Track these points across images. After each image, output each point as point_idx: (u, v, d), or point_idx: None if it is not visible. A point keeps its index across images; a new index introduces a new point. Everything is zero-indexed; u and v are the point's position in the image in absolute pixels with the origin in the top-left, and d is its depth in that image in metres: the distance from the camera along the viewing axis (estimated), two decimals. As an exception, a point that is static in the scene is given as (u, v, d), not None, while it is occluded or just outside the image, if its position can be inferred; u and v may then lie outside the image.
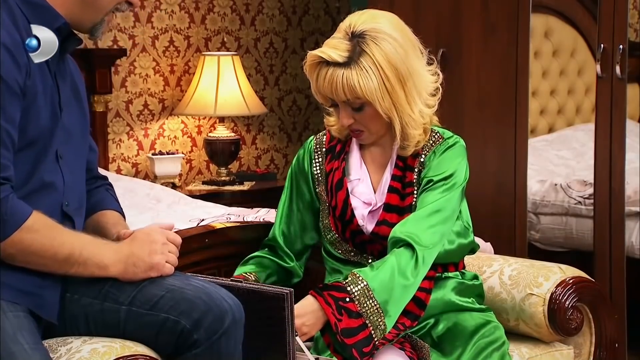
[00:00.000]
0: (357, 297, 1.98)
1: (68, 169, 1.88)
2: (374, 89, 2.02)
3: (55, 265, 1.79)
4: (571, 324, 2.28)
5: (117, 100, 4.29)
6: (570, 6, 3.90)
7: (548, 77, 4.00)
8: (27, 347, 1.70)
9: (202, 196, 3.98)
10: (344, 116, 2.09)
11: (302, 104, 4.86)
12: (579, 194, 3.58)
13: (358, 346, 1.97)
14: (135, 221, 2.35)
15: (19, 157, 1.77)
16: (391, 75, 2.02)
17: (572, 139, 3.97)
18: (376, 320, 1.98)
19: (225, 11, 4.57)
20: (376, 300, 1.98)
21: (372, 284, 1.98)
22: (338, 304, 1.97)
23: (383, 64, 2.01)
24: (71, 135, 1.90)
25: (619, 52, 3.09)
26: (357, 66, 2.02)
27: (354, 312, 1.97)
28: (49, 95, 1.83)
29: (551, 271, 2.32)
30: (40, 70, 1.81)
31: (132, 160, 4.35)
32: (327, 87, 2.06)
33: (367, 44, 2.02)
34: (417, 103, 2.07)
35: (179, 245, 1.90)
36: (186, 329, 1.79)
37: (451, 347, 2.10)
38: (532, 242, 3.57)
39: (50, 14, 1.83)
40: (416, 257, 2.01)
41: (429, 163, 2.11)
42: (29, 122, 1.78)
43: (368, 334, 1.98)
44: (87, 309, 1.85)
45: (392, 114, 2.05)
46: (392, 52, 2.02)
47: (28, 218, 1.74)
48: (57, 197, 1.85)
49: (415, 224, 2.04)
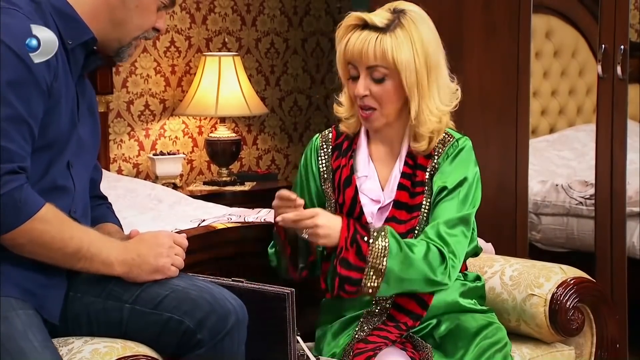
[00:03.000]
0: (373, 246, 2.01)
1: (78, 178, 1.90)
2: (405, 60, 2.05)
3: (63, 258, 1.79)
4: (572, 325, 2.28)
5: (118, 100, 4.29)
6: (572, 6, 3.90)
7: (549, 78, 4.00)
8: (37, 344, 1.71)
9: (203, 196, 3.98)
10: (361, 85, 2.10)
11: (303, 105, 4.86)
12: (580, 194, 3.58)
13: (344, 279, 2.01)
14: (136, 221, 2.35)
15: (35, 157, 1.79)
16: (422, 56, 2.07)
17: (574, 139, 3.97)
18: (373, 276, 2.01)
19: (227, 12, 4.57)
20: (385, 265, 2.00)
21: (393, 249, 2.01)
22: (355, 236, 2.01)
23: (417, 42, 2.06)
24: (83, 148, 1.92)
25: (620, 52, 3.09)
26: (393, 34, 2.06)
27: (362, 253, 2.00)
28: (70, 103, 1.86)
29: (552, 271, 2.32)
30: (66, 77, 1.84)
31: (133, 160, 4.36)
32: (358, 48, 2.08)
33: (407, 20, 2.08)
34: (436, 96, 2.10)
35: (185, 248, 1.91)
36: (190, 328, 1.79)
37: (453, 347, 2.10)
38: (533, 243, 3.56)
39: (80, 27, 1.86)
40: (446, 263, 2.05)
41: (441, 166, 2.12)
42: (51, 123, 1.80)
43: (359, 278, 2.01)
44: (90, 308, 1.86)
45: (412, 92, 2.08)
46: (427, 37, 2.08)
47: (41, 208, 1.75)
48: (67, 201, 1.86)
49: (447, 232, 2.07)
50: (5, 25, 1.75)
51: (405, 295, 2.12)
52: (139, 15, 1.90)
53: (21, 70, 1.74)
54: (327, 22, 4.89)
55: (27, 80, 1.74)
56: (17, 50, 1.74)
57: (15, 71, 1.73)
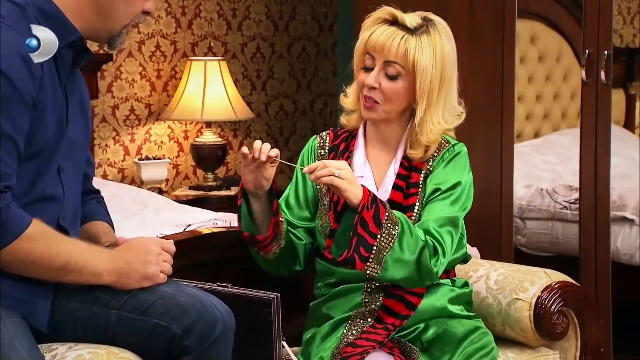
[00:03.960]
0: (390, 213, 2.02)
1: (68, 182, 1.88)
2: (423, 64, 2.10)
3: (50, 273, 1.78)
4: (557, 329, 2.29)
5: (103, 105, 4.28)
6: (556, 12, 3.92)
7: (534, 83, 4.01)
8: (24, 353, 1.70)
9: (188, 201, 3.98)
10: (372, 76, 2.13)
11: (289, 109, 4.86)
12: (564, 198, 3.59)
13: (361, 241, 2.00)
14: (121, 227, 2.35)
15: (22, 168, 1.77)
16: (439, 67, 2.12)
17: (558, 144, 3.98)
18: (383, 248, 2.01)
19: (212, 16, 4.57)
20: (395, 235, 2.01)
21: (405, 226, 2.03)
22: (376, 198, 2.03)
23: (438, 53, 2.11)
24: (74, 149, 1.90)
25: (604, 57, 3.11)
26: (419, 38, 2.11)
27: (379, 218, 2.01)
28: (57, 109, 1.83)
29: (537, 276, 2.33)
30: (52, 83, 1.82)
31: (118, 165, 4.34)
32: (382, 40, 2.11)
33: (435, 30, 2.13)
34: (441, 111, 2.14)
35: (173, 253, 1.90)
36: (177, 335, 1.79)
37: (440, 352, 2.11)
38: (518, 247, 3.58)
39: (66, 28, 1.83)
40: (438, 256, 2.06)
41: (436, 169, 2.15)
42: (36, 134, 1.78)
43: (372, 244, 2.01)
44: (75, 314, 1.85)
45: (422, 99, 2.12)
46: (447, 51, 2.13)
47: (28, 227, 1.74)
48: (55, 210, 1.85)
49: (437, 230, 2.08)
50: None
51: (394, 298, 2.13)
52: (125, 2, 1.87)
53: (6, 87, 1.71)
54: (313, 27, 4.89)
55: (12, 97, 1.72)
56: (1, 67, 1.71)
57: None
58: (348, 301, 2.15)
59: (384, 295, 2.14)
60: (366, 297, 2.15)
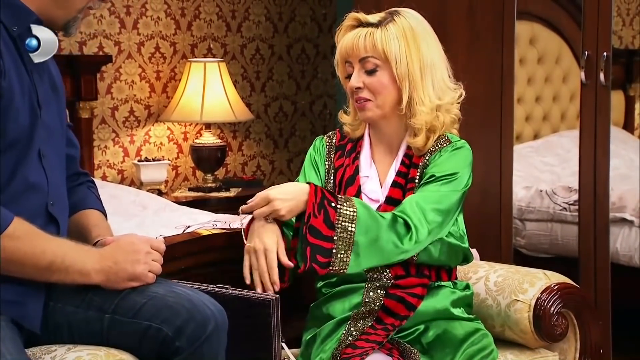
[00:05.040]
0: (340, 211, 2.02)
1: (51, 167, 1.86)
2: (394, 50, 2.12)
3: (37, 273, 1.77)
4: (556, 330, 2.29)
5: (102, 106, 4.28)
6: (555, 13, 3.93)
7: (533, 84, 4.02)
8: (9, 358, 1.68)
9: (188, 203, 3.98)
10: (355, 77, 2.17)
11: (288, 111, 4.86)
12: (564, 200, 3.59)
13: (316, 249, 2.01)
14: (120, 228, 2.34)
15: (1, 160, 1.75)
16: (413, 49, 2.13)
17: (557, 145, 3.99)
18: (342, 247, 2.02)
19: (212, 18, 4.57)
20: (354, 230, 2.01)
21: (361, 216, 2.03)
22: (323, 201, 2.03)
23: (409, 36, 2.14)
24: (52, 133, 1.88)
25: (603, 59, 3.11)
26: (384, 28, 2.14)
27: (330, 220, 2.02)
28: (27, 95, 1.81)
29: (536, 277, 2.33)
30: (17, 70, 1.80)
31: (117, 166, 4.34)
32: (350, 42, 2.16)
33: (400, 17, 2.16)
34: (430, 89, 2.15)
35: (162, 252, 1.89)
36: (168, 336, 1.78)
37: (441, 354, 2.11)
38: (518, 248, 3.58)
39: (22, 12, 1.81)
40: (411, 233, 2.06)
41: (433, 161, 2.16)
42: (8, 123, 1.76)
43: (330, 248, 2.02)
44: (71, 318, 1.84)
45: (404, 83, 2.13)
46: (419, 32, 2.15)
47: (9, 225, 1.72)
48: (42, 197, 1.83)
49: (418, 206, 2.08)
50: None
51: (394, 299, 2.13)
52: None
53: None
54: (313, 29, 4.89)
55: None
56: None
57: None
58: (348, 301, 2.16)
59: (384, 296, 2.14)
60: (366, 297, 2.15)
